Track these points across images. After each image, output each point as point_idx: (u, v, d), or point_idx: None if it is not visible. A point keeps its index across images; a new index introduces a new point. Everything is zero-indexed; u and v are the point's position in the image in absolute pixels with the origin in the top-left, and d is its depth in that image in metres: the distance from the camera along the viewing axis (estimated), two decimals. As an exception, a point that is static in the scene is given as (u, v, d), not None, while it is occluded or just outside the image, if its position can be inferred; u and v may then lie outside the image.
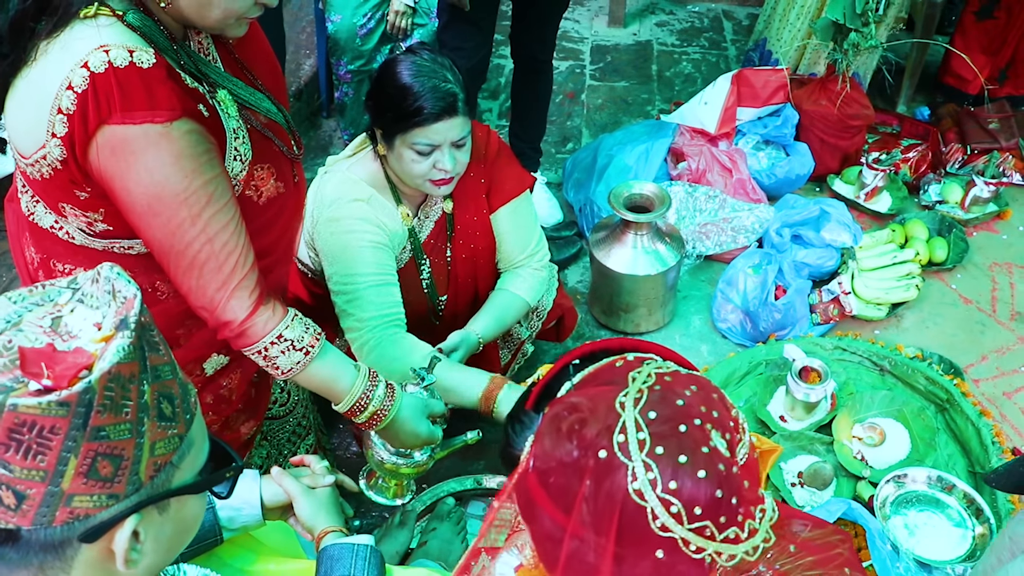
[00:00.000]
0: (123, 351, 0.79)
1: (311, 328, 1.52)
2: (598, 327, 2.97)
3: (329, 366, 1.56)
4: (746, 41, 4.30)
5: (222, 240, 1.38)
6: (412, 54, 1.91)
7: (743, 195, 3.18)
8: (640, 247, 2.76)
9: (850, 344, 2.72)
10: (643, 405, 0.88)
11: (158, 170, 1.29)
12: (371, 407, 1.61)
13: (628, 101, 4.09)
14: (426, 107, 1.85)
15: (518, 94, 3.24)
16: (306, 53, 3.99)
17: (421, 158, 1.91)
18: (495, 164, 2.10)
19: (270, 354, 1.48)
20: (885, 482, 2.27)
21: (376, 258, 2.01)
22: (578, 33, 4.59)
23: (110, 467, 0.79)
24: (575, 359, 1.01)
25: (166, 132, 1.27)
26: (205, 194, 1.34)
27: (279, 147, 1.56)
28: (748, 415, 2.56)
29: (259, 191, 1.52)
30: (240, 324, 1.43)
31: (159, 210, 1.33)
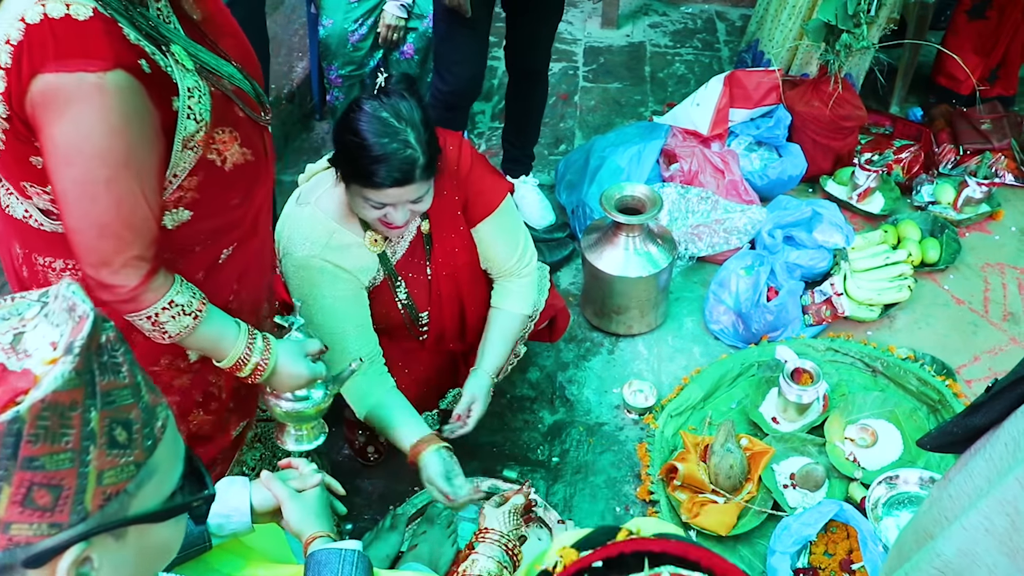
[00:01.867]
0: (61, 379, 0.75)
1: (197, 293, 1.54)
2: (590, 329, 2.97)
3: (215, 327, 1.58)
4: (739, 42, 4.29)
5: (129, 206, 1.37)
6: (380, 104, 1.78)
7: (735, 196, 3.18)
8: (632, 249, 2.76)
9: (842, 345, 2.72)
10: None
11: (85, 121, 1.29)
12: (252, 360, 1.63)
13: (621, 102, 4.09)
14: (380, 174, 1.77)
15: (513, 102, 3.23)
16: (299, 56, 3.98)
17: (373, 209, 1.87)
18: (469, 178, 2.07)
19: (160, 319, 1.49)
20: (877, 483, 2.28)
21: (347, 309, 2.03)
22: (571, 35, 4.59)
23: (48, 496, 0.75)
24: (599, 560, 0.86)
25: (99, 83, 1.27)
26: (123, 155, 1.34)
27: (246, 112, 1.56)
28: (740, 417, 2.56)
29: (223, 156, 1.51)
30: (131, 291, 1.43)
31: (75, 161, 1.32)
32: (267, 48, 2.72)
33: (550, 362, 2.87)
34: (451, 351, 2.37)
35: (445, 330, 2.28)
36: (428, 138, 1.81)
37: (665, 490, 2.36)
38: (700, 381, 2.64)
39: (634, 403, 2.63)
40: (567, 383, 2.80)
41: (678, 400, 2.59)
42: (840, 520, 2.16)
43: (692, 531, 2.27)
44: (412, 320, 2.21)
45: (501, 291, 2.27)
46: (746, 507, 2.27)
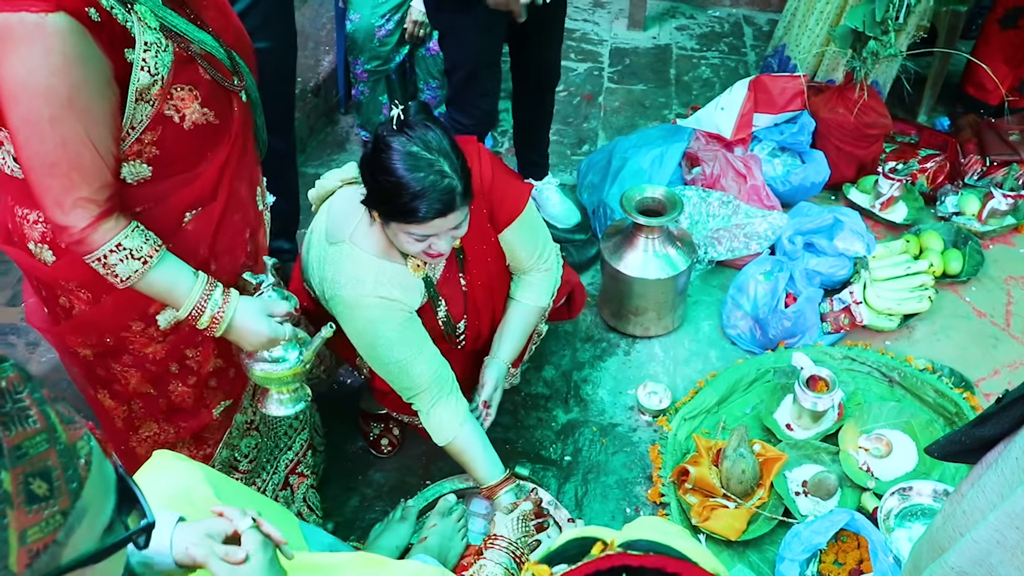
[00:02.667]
0: None
1: (151, 239, 1.57)
2: (607, 329, 2.97)
3: (167, 274, 1.61)
4: (765, 47, 4.28)
5: (74, 148, 1.42)
6: (407, 138, 1.77)
7: (757, 201, 3.17)
8: (651, 251, 2.76)
9: (860, 354, 2.71)
10: None
11: (27, 60, 1.34)
12: (208, 310, 1.66)
13: (645, 104, 4.09)
14: (422, 209, 1.77)
15: (523, 116, 3.18)
16: (325, 49, 4.01)
17: (416, 242, 1.87)
18: (492, 190, 2.07)
19: (109, 262, 1.53)
20: (890, 494, 2.27)
21: (407, 337, 2.04)
22: (597, 35, 4.59)
23: None
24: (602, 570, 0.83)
25: (40, 24, 1.32)
26: (67, 95, 1.38)
27: (212, 75, 1.59)
28: (755, 423, 2.56)
29: (180, 112, 1.54)
30: (80, 232, 1.48)
31: (21, 99, 1.38)
32: (295, 41, 2.74)
33: (566, 361, 2.87)
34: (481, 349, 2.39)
35: (481, 333, 2.31)
36: (461, 163, 1.82)
37: (676, 493, 2.36)
38: (715, 385, 2.64)
39: (648, 405, 2.63)
40: (582, 382, 2.80)
41: (692, 403, 2.59)
42: (851, 530, 2.15)
43: (702, 535, 2.27)
44: (450, 333, 2.23)
45: (520, 283, 2.29)
46: (757, 513, 2.27)
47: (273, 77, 2.58)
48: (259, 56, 2.49)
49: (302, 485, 2.26)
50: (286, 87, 2.79)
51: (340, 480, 2.51)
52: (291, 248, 2.95)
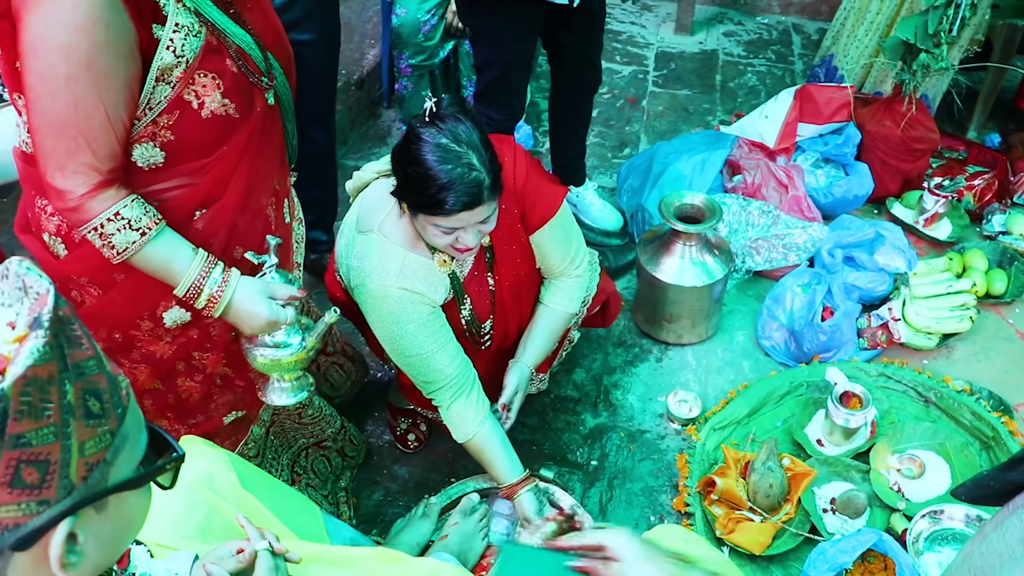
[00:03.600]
0: (38, 352, 0.74)
1: (151, 212, 1.55)
2: (640, 335, 2.95)
3: (165, 249, 1.58)
4: (813, 56, 4.22)
5: (85, 110, 1.40)
6: (437, 130, 1.77)
7: (797, 212, 3.13)
8: (688, 258, 2.74)
9: (896, 372, 2.66)
10: None
11: (52, 15, 1.34)
12: (207, 289, 1.62)
13: (689, 110, 4.06)
14: (449, 201, 1.76)
15: (560, 121, 3.17)
16: (371, 43, 4.03)
17: (444, 235, 1.86)
18: (525, 189, 2.06)
19: (106, 231, 1.50)
20: (920, 516, 2.22)
21: (429, 331, 2.03)
22: (644, 39, 4.56)
23: (36, 473, 0.75)
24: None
25: None
26: (87, 57, 1.37)
27: (241, 68, 1.58)
28: (785, 436, 2.53)
29: (200, 99, 1.54)
30: (78, 198, 1.46)
31: (40, 53, 1.37)
32: (338, 34, 2.75)
33: (597, 365, 2.86)
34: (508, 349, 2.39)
35: (508, 335, 2.30)
36: (490, 157, 1.81)
37: (701, 503, 2.34)
38: (747, 396, 2.61)
39: (678, 413, 2.61)
40: (612, 387, 2.79)
41: (722, 413, 2.56)
42: (879, 551, 2.12)
43: (725, 547, 2.25)
44: (473, 333, 2.22)
45: (550, 288, 2.28)
46: (782, 528, 2.24)
47: (315, 69, 2.60)
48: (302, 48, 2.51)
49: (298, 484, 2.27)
50: (328, 79, 2.81)
51: (365, 473, 2.52)
52: (327, 240, 2.97)
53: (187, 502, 1.55)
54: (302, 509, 1.81)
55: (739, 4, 4.79)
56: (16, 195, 1.65)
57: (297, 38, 2.47)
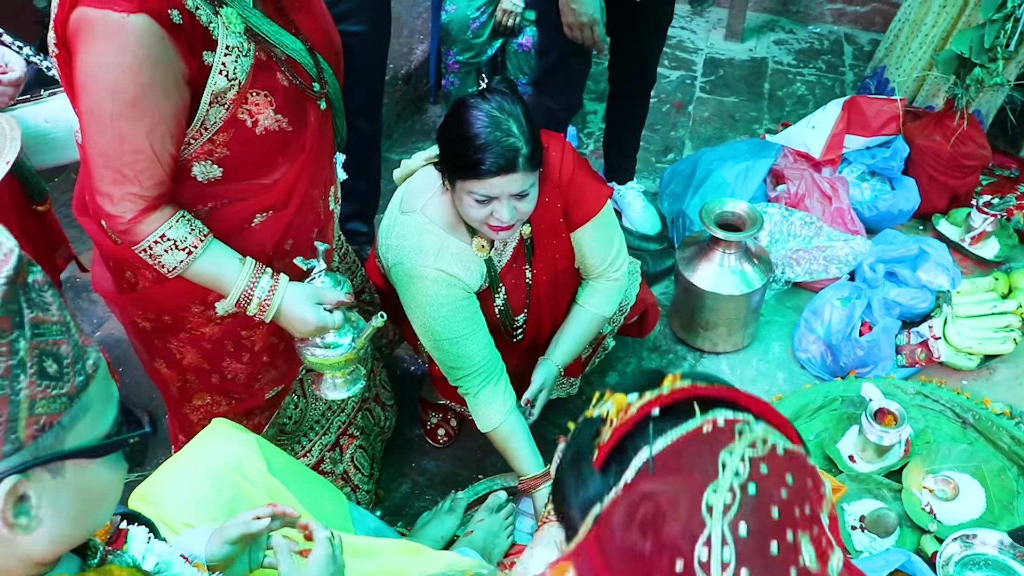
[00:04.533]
0: None
1: (196, 229, 1.59)
2: (675, 341, 2.94)
3: (214, 263, 1.62)
4: (865, 67, 4.16)
5: (131, 146, 1.46)
6: (484, 100, 1.84)
7: (840, 225, 3.09)
8: (727, 266, 2.72)
9: (933, 391, 2.61)
10: (734, 515, 0.78)
11: (102, 56, 1.39)
12: (256, 297, 1.66)
13: (736, 117, 4.02)
14: (485, 162, 1.80)
15: (615, 118, 3.19)
16: (419, 38, 4.05)
17: (479, 205, 1.88)
18: (570, 185, 2.07)
19: (154, 252, 1.56)
20: (952, 540, 2.18)
21: (462, 315, 2.05)
22: (693, 44, 4.53)
23: None
24: (655, 409, 0.87)
25: (121, 23, 1.36)
26: (132, 95, 1.42)
27: (292, 80, 1.60)
28: (816, 451, 2.50)
29: (254, 117, 1.57)
30: (126, 223, 1.53)
31: (89, 90, 1.43)
32: (389, 26, 2.77)
33: (631, 369, 2.85)
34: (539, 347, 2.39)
35: (541, 330, 2.30)
36: (530, 130, 1.84)
37: (729, 514, 2.32)
38: (780, 408, 2.56)
39: (708, 422, 2.59)
40: (644, 392, 2.77)
41: (754, 425, 2.54)
42: (907, 572, 2.08)
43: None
44: (506, 325, 2.23)
45: (587, 289, 2.28)
46: (810, 543, 2.21)
47: (365, 61, 2.62)
48: (352, 39, 2.52)
49: (351, 446, 2.28)
50: (377, 71, 2.83)
51: (393, 465, 2.54)
52: (367, 231, 2.99)
53: (215, 484, 1.58)
54: (328, 497, 1.83)
55: (791, 12, 4.74)
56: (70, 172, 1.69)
57: (348, 29, 2.49)
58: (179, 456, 1.65)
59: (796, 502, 0.80)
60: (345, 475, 2.27)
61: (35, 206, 2.09)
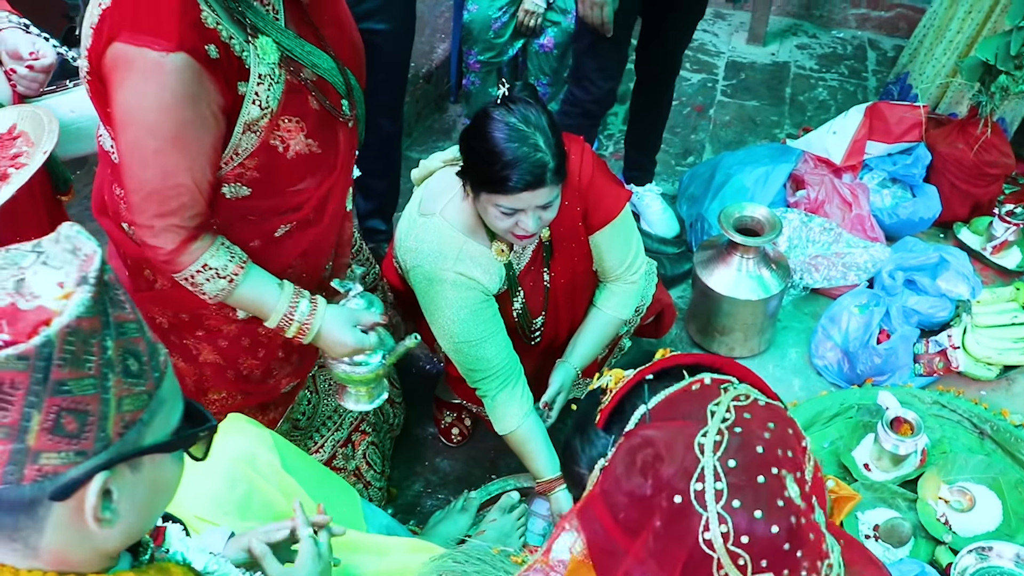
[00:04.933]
0: (83, 306, 0.79)
1: (236, 256, 1.61)
2: (691, 345, 2.93)
3: (254, 289, 1.64)
4: (888, 73, 4.14)
5: (175, 179, 1.47)
6: (508, 111, 1.80)
7: (860, 231, 3.07)
8: (744, 271, 2.71)
9: (951, 401, 2.59)
10: (723, 452, 0.86)
11: (141, 94, 1.39)
12: (295, 321, 1.68)
13: (756, 121, 4.00)
14: (512, 178, 1.78)
15: (638, 108, 3.20)
16: (441, 37, 4.05)
17: (505, 216, 1.87)
18: (590, 188, 2.06)
19: (196, 281, 1.58)
20: (967, 552, 2.17)
21: (480, 319, 2.05)
22: (715, 47, 4.52)
23: (75, 423, 0.79)
24: (648, 375, 0.98)
25: (160, 62, 1.36)
26: (172, 132, 1.42)
27: (321, 103, 1.60)
28: (831, 458, 2.48)
29: (285, 143, 1.57)
30: (167, 253, 1.53)
31: (129, 127, 1.43)
32: (413, 25, 2.77)
33: (644, 372, 2.83)
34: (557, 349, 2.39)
35: (559, 333, 2.30)
36: (556, 142, 1.82)
37: (741, 519, 2.31)
38: (795, 414, 2.56)
39: (723, 427, 2.58)
40: (658, 396, 2.76)
41: (769, 431, 2.53)
42: (921, 581, 2.07)
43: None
44: (524, 328, 2.23)
45: (605, 292, 2.28)
46: (823, 551, 2.20)
47: (388, 59, 2.62)
48: (375, 37, 2.53)
49: (363, 442, 2.28)
50: (400, 71, 2.83)
51: (406, 463, 2.55)
52: (386, 229, 3.00)
53: (228, 479, 1.58)
54: (341, 494, 1.83)
55: (814, 17, 4.71)
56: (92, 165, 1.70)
57: (371, 27, 2.50)
58: (193, 450, 1.65)
59: (779, 444, 0.88)
60: (357, 471, 2.28)
61: (59, 195, 2.11)
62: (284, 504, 1.64)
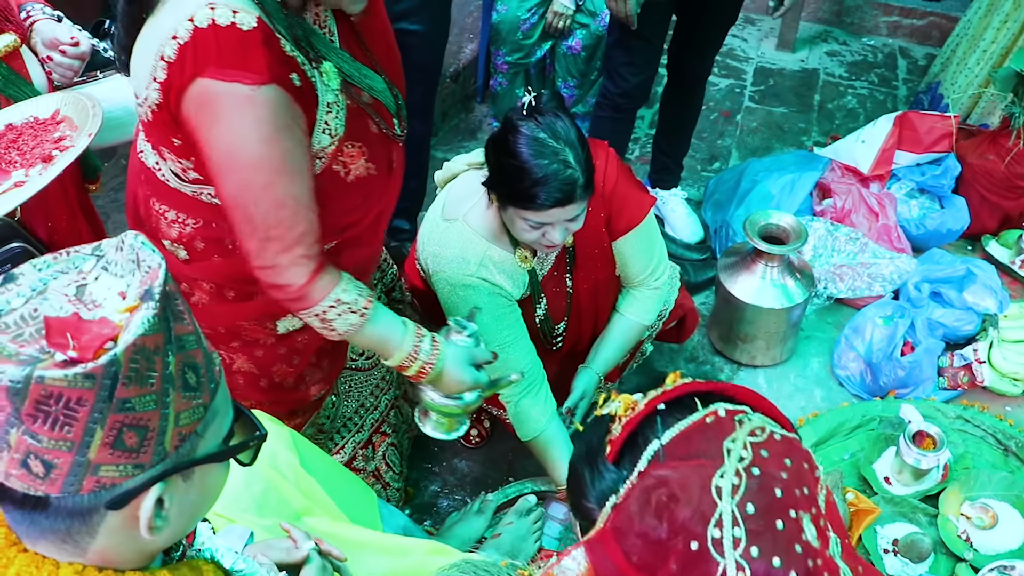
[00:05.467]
0: (148, 323, 0.78)
1: (364, 291, 1.58)
2: (713, 352, 2.92)
3: (381, 326, 1.61)
4: (919, 82, 4.10)
5: (290, 209, 1.43)
6: (536, 124, 1.77)
7: (886, 242, 3.04)
8: (768, 279, 2.69)
9: (975, 416, 2.56)
10: (741, 496, 0.83)
11: (238, 130, 1.36)
12: (419, 361, 1.65)
13: (784, 128, 3.98)
14: (541, 195, 1.77)
15: (668, 108, 3.20)
16: (469, 37, 4.06)
17: (532, 229, 1.86)
18: (614, 194, 2.05)
19: (327, 317, 1.53)
20: (988, 570, 2.14)
21: (504, 325, 2.04)
22: (744, 52, 4.49)
23: (135, 437, 0.80)
24: (660, 404, 0.94)
25: (252, 96, 1.33)
26: (278, 162, 1.40)
27: (379, 126, 1.60)
28: (851, 470, 2.46)
29: (347, 168, 1.56)
30: (298, 289, 1.48)
31: (233, 167, 1.39)
32: (447, 27, 2.76)
33: (665, 378, 2.82)
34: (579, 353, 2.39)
35: (581, 339, 2.30)
36: (585, 156, 1.81)
37: (759, 530, 2.29)
38: (815, 425, 2.55)
39: (743, 435, 2.57)
40: (678, 402, 2.75)
41: (789, 441, 2.51)
42: (940, 598, 2.05)
43: None
44: (546, 333, 2.23)
45: (628, 297, 2.27)
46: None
47: (422, 60, 2.62)
48: (410, 38, 2.53)
49: (383, 444, 2.28)
50: (432, 72, 2.83)
51: (424, 464, 2.55)
52: (410, 228, 3.00)
53: (247, 476, 1.59)
54: (359, 495, 1.84)
55: (845, 24, 4.67)
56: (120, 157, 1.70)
57: (406, 27, 2.50)
58: (213, 446, 1.66)
59: (796, 483, 0.85)
60: (377, 472, 2.28)
61: (87, 183, 2.13)
62: (302, 502, 1.65)
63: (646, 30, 2.66)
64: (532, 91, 1.85)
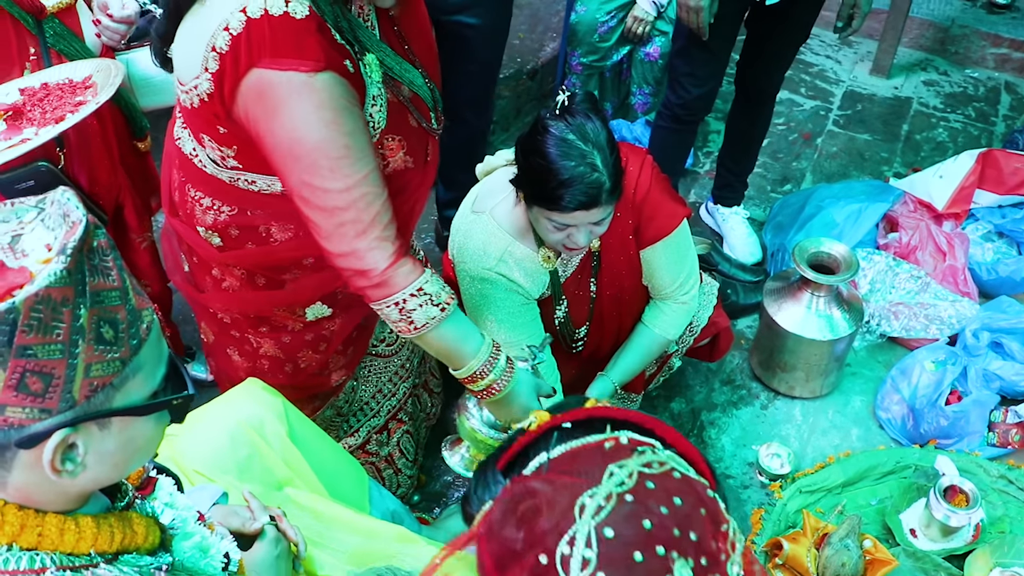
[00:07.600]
0: (55, 275, 0.81)
1: (446, 288, 1.55)
2: (751, 378, 2.82)
3: (459, 328, 1.58)
4: (1019, 119, 3.88)
5: (361, 190, 1.42)
6: (566, 125, 1.72)
7: (951, 284, 2.89)
8: (814, 308, 2.59)
9: (1020, 478, 2.41)
10: (603, 518, 0.77)
11: (299, 117, 1.35)
12: (490, 377, 1.61)
13: (865, 156, 3.82)
14: (566, 197, 1.73)
15: (733, 124, 3.12)
16: (552, 36, 4.03)
17: (556, 231, 1.83)
18: (644, 203, 2.00)
19: (408, 306, 1.49)
20: (1003, 638, 2.01)
21: (520, 322, 2.03)
22: (835, 74, 4.34)
23: (40, 383, 0.82)
24: (568, 421, 0.89)
25: (309, 82, 1.33)
26: (343, 144, 1.39)
27: (418, 120, 1.59)
28: (876, 518, 2.35)
29: (386, 160, 1.56)
30: (381, 273, 1.46)
31: (299, 155, 1.39)
32: (508, 21, 2.74)
33: (699, 398, 2.76)
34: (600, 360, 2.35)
35: (602, 345, 2.26)
36: (614, 160, 1.77)
37: (767, 564, 2.21)
38: (845, 465, 2.44)
39: (767, 466, 2.48)
40: (708, 424, 2.68)
41: (814, 477, 2.41)
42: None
43: (779, 617, 2.12)
44: (566, 336, 2.20)
45: (654, 309, 2.22)
46: (845, 612, 2.09)
47: (479, 54, 2.62)
48: (467, 31, 2.53)
49: (399, 431, 2.28)
50: (491, 66, 2.81)
51: (437, 454, 2.53)
52: (459, 220, 3.00)
53: (233, 439, 1.61)
54: (348, 473, 1.85)
55: (948, 53, 4.46)
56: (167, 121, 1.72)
57: (464, 20, 2.50)
58: (205, 407, 1.69)
59: (678, 524, 0.78)
60: (390, 457, 2.28)
61: (135, 141, 2.19)
62: (285, 472, 1.66)
63: (711, 42, 2.59)
64: (566, 88, 1.82)
